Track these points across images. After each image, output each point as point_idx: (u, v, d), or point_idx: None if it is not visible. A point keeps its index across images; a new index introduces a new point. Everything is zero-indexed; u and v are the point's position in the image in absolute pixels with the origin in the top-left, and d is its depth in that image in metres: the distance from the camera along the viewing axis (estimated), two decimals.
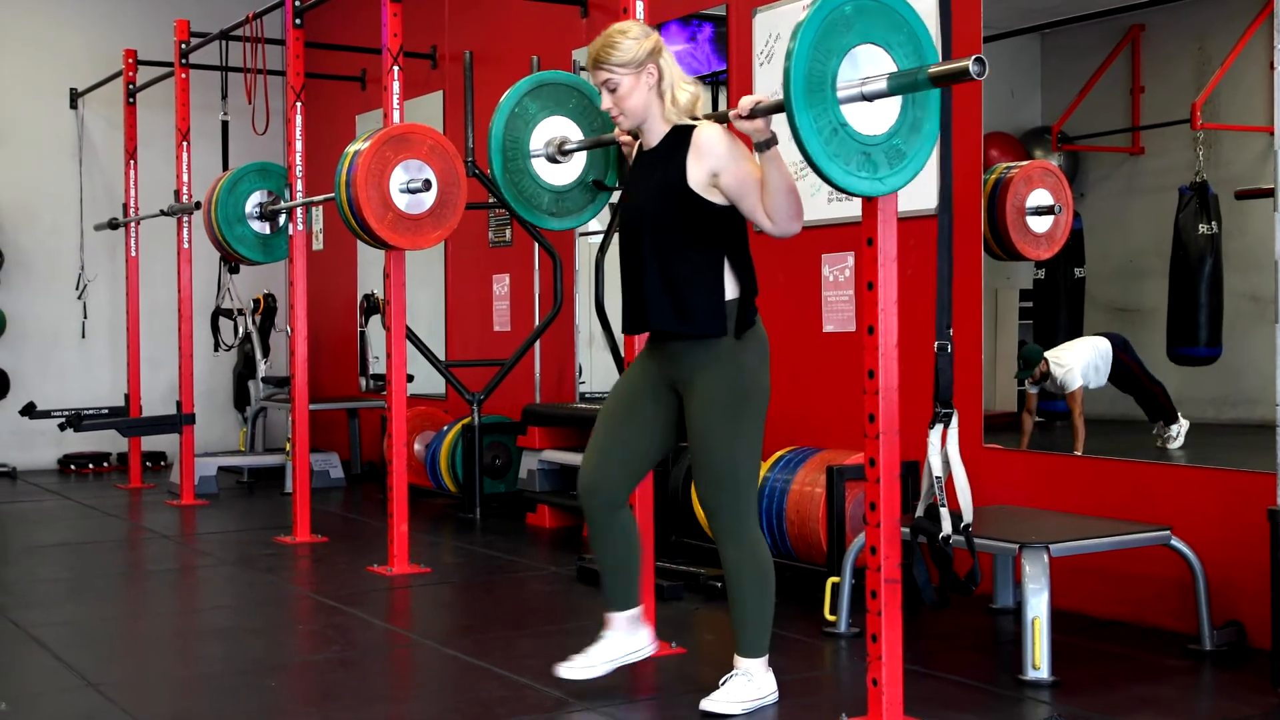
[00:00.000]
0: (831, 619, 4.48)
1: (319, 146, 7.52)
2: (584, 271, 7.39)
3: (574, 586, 5.25)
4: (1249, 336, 4.68)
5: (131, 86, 8.75)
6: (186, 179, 7.93)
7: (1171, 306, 4.92)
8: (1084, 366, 5.06)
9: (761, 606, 3.57)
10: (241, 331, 9.02)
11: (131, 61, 8.73)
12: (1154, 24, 5.09)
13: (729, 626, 3.62)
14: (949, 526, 3.36)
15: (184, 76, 7.91)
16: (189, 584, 5.86)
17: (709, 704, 3.53)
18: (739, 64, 6.17)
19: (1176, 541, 4.16)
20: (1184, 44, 5.01)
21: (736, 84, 6.16)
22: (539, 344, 7.59)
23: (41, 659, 4.32)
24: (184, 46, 7.90)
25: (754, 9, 6.03)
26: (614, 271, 4.15)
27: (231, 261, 7.88)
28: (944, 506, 3.33)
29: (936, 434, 3.33)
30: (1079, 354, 5.12)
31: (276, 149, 8.27)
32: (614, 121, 3.64)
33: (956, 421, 3.36)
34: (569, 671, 3.71)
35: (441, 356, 8.35)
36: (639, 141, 3.68)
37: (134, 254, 8.86)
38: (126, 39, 9.16)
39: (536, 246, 7.54)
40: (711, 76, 6.33)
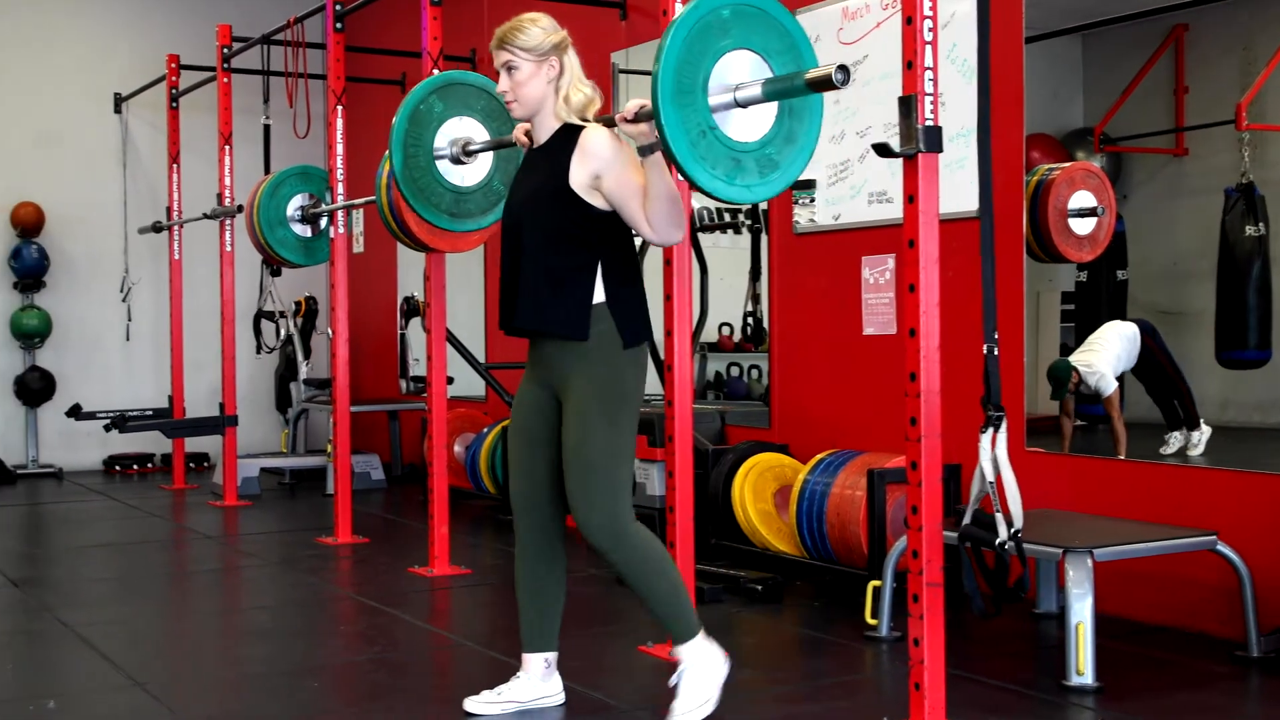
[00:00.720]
0: (873, 623, 4.46)
1: (360, 149, 7.57)
2: None
3: (613, 589, 5.25)
4: None
5: (174, 91, 8.83)
6: (229, 182, 7.99)
7: (1220, 309, 4.87)
8: (1114, 364, 5.00)
9: (675, 593, 3.48)
10: (283, 334, 9.07)
11: (174, 66, 8.81)
12: (1198, 24, 5.04)
13: (769, 629, 3.60)
14: (1004, 532, 3.32)
15: (226, 81, 7.97)
16: (232, 584, 5.90)
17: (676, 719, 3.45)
18: None
19: (1223, 546, 4.12)
20: (1229, 44, 4.96)
21: None
22: None
23: (88, 658, 4.36)
24: (226, 51, 7.96)
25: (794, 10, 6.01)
26: (653, 273, 4.15)
27: (273, 264, 7.94)
28: (998, 512, 3.29)
29: (988, 438, 3.30)
30: (1106, 352, 5.04)
31: (317, 152, 8.33)
32: (507, 108, 3.59)
33: (1005, 425, 3.33)
34: (474, 705, 3.64)
35: (481, 359, 8.37)
36: (531, 139, 3.66)
37: (177, 257, 8.94)
38: (169, 44, 9.24)
39: None
40: None
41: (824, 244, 5.89)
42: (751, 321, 6.77)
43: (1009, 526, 3.34)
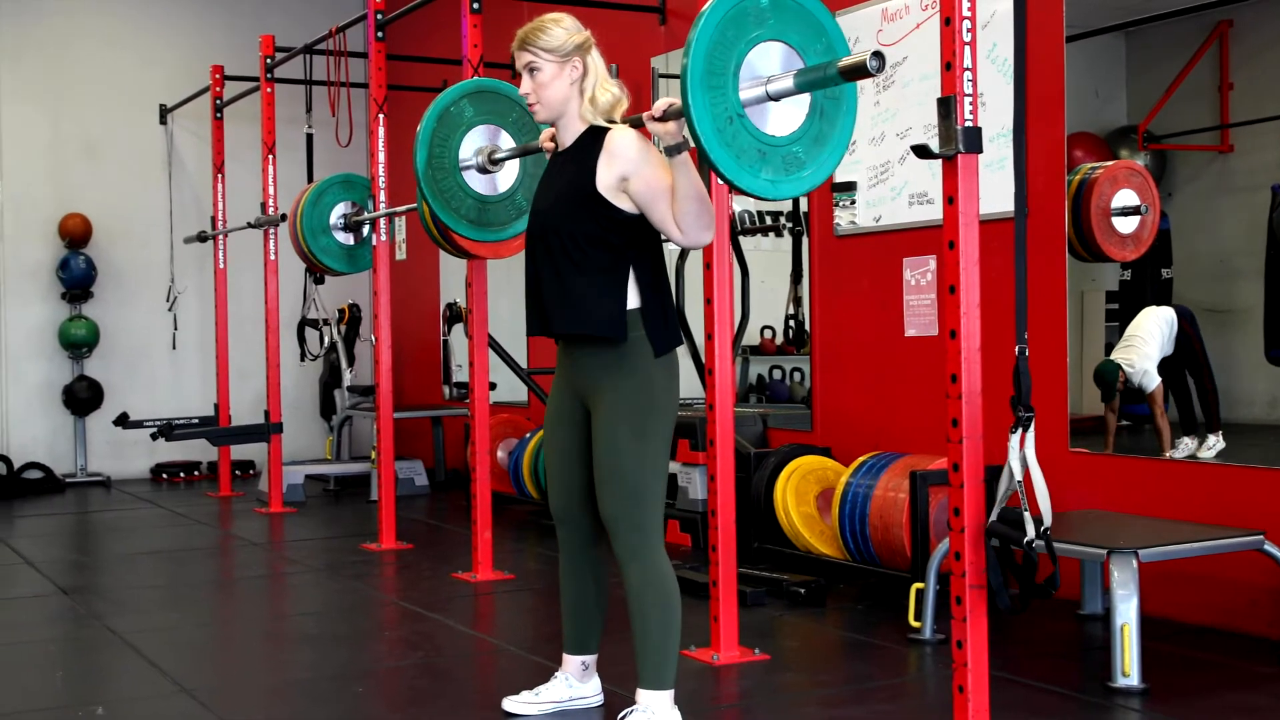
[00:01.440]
0: (916, 625, 4.44)
1: (402, 157, 7.58)
2: None
3: None
4: None
5: (219, 102, 8.92)
6: (272, 191, 8.05)
7: (1268, 307, 4.81)
8: (1155, 357, 4.95)
9: (666, 635, 3.39)
10: (327, 341, 9.14)
11: (219, 77, 8.91)
12: (1242, 19, 4.99)
13: (812, 632, 3.59)
14: (1032, 530, 3.30)
15: (269, 91, 8.04)
16: (278, 591, 5.95)
17: None
18: None
19: (1270, 546, 4.07)
20: (1274, 39, 4.91)
21: None
22: None
23: (136, 664, 4.41)
24: (269, 61, 8.03)
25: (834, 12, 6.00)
26: (693, 276, 4.14)
27: (317, 272, 7.99)
28: (1025, 510, 3.28)
29: (1016, 438, 3.28)
30: (1148, 346, 4.99)
31: (360, 160, 8.38)
32: (530, 111, 3.52)
33: (1033, 425, 3.31)
34: (512, 705, 3.66)
35: (524, 364, 8.39)
36: (556, 143, 3.59)
37: (222, 266, 9.02)
38: (214, 55, 9.33)
39: None
40: None
41: (865, 246, 5.87)
42: (793, 324, 6.76)
43: (1038, 525, 3.32)
